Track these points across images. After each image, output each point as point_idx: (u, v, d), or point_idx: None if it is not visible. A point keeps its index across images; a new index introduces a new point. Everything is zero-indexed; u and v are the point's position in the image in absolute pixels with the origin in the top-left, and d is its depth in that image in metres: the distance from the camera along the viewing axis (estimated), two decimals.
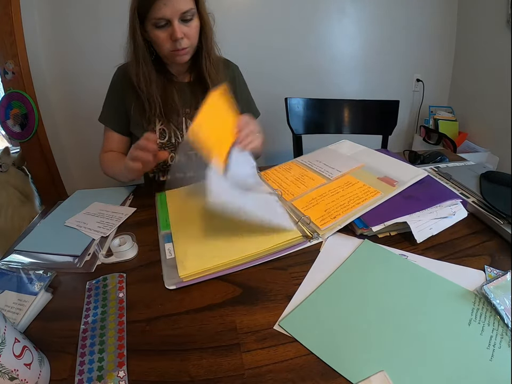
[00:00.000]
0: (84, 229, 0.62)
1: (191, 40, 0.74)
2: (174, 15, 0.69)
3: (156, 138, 0.64)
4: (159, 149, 0.65)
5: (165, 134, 0.84)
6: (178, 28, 0.69)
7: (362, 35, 1.79)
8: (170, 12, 0.68)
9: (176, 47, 0.72)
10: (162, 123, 0.84)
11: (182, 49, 0.73)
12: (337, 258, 0.49)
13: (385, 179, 0.62)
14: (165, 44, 0.73)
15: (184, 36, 0.72)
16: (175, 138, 0.85)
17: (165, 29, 0.71)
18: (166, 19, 0.69)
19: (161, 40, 0.72)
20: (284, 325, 0.39)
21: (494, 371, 0.32)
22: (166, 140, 0.84)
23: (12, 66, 1.48)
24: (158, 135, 0.84)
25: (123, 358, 0.37)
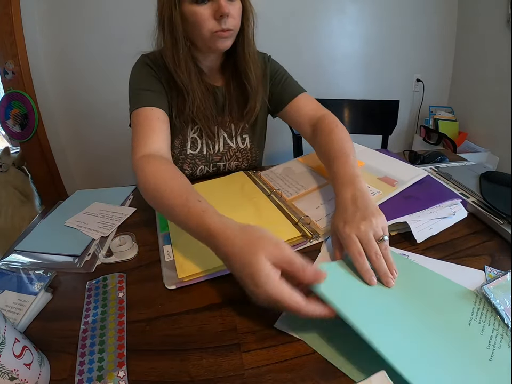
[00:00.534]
0: (83, 229, 0.62)
1: (235, 21, 0.63)
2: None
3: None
4: None
5: (197, 144, 0.78)
6: (224, 2, 0.58)
7: (362, 35, 1.79)
8: None
9: (221, 26, 0.60)
10: (195, 131, 0.76)
11: (227, 30, 0.61)
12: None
13: (385, 179, 0.62)
14: (206, 22, 0.60)
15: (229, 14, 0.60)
16: (206, 149, 0.79)
17: (205, 4, 0.59)
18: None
19: (203, 17, 0.60)
20: (286, 322, 0.39)
21: (494, 371, 0.32)
22: (197, 151, 0.78)
23: (12, 66, 1.48)
24: (190, 144, 0.77)
25: (123, 358, 0.37)
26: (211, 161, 0.81)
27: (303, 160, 0.79)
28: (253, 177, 0.76)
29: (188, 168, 0.80)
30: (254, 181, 0.73)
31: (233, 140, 0.81)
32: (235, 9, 0.62)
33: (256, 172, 0.78)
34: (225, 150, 0.81)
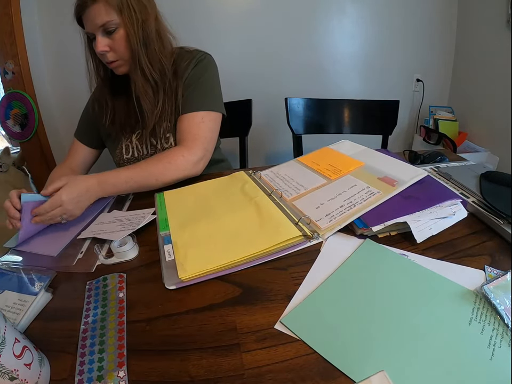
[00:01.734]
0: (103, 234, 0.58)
1: (118, 53, 0.72)
2: (95, 29, 0.69)
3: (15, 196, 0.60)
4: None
5: (129, 149, 0.86)
6: (99, 42, 0.69)
7: (362, 35, 1.79)
8: (90, 26, 0.69)
9: (105, 60, 0.73)
10: (127, 139, 0.85)
11: (111, 62, 0.73)
12: (338, 258, 0.49)
13: (385, 179, 0.62)
14: (99, 56, 0.74)
15: (109, 49, 0.71)
16: (137, 152, 0.85)
17: (94, 42, 0.71)
18: (91, 33, 0.70)
19: (97, 53, 0.72)
20: (286, 322, 0.39)
21: (494, 370, 0.32)
22: (130, 155, 0.86)
23: (12, 66, 1.48)
24: (124, 150, 0.86)
25: (123, 358, 0.37)
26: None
27: (303, 160, 0.79)
28: (253, 177, 0.76)
29: None
30: (254, 181, 0.73)
31: (158, 140, 0.83)
32: (115, 41, 0.70)
33: (256, 171, 0.78)
34: (153, 151, 0.84)
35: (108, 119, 0.82)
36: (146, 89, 0.76)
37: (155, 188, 0.73)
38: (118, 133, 0.85)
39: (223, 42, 1.62)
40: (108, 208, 0.72)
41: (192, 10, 1.53)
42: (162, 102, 0.78)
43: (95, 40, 0.70)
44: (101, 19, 0.67)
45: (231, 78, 0.89)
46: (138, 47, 0.71)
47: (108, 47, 0.71)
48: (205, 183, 0.76)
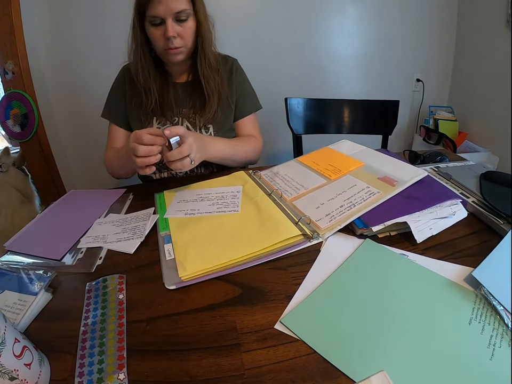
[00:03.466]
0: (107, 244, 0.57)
1: (184, 40, 0.76)
2: (168, 14, 0.71)
3: (155, 131, 0.62)
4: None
5: None
6: (171, 27, 0.71)
7: (362, 35, 1.79)
8: (164, 11, 0.70)
9: (168, 45, 0.74)
10: (159, 121, 0.86)
11: (175, 48, 0.75)
12: (338, 258, 0.49)
13: (385, 179, 0.62)
14: (158, 41, 0.75)
15: (177, 35, 0.73)
16: None
17: (159, 27, 0.73)
18: (160, 17, 0.71)
19: (155, 37, 0.74)
20: (286, 322, 0.39)
21: (494, 370, 0.32)
22: None
23: (12, 66, 1.48)
24: None
25: (123, 360, 0.36)
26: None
27: (303, 160, 0.79)
28: (253, 177, 0.76)
29: None
30: (254, 181, 0.73)
31: (197, 129, 0.86)
32: (185, 29, 0.74)
33: (256, 171, 0.78)
34: None
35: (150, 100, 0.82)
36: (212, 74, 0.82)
37: (236, 165, 0.87)
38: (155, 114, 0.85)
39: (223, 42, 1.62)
40: (105, 212, 0.70)
41: None
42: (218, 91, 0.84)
43: (159, 25, 0.72)
44: (178, 6, 0.70)
45: None
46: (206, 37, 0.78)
47: (177, 34, 0.73)
48: (205, 182, 0.76)
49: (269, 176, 0.75)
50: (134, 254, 0.55)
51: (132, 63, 0.82)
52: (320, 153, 0.81)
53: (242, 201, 0.65)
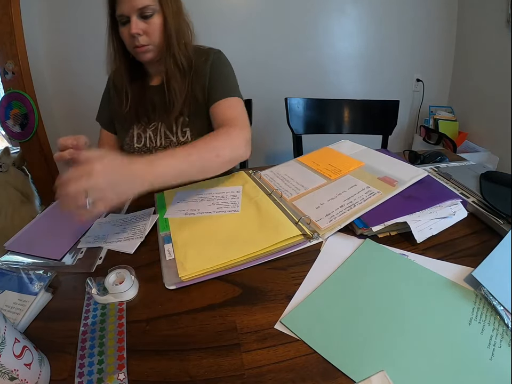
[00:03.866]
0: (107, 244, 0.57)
1: (150, 38, 0.73)
2: (132, 11, 0.70)
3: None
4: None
5: (141, 138, 0.85)
6: (134, 24, 0.70)
7: (362, 35, 1.79)
8: (128, 8, 0.69)
9: (135, 43, 0.73)
10: (139, 127, 0.85)
11: (141, 46, 0.73)
12: (338, 258, 0.49)
13: (385, 179, 0.62)
14: (127, 40, 0.74)
15: (142, 32, 0.71)
16: (149, 142, 0.84)
17: (126, 25, 0.72)
18: (125, 15, 0.71)
19: (124, 36, 0.74)
20: (286, 322, 0.39)
21: (494, 370, 0.32)
22: (142, 144, 0.85)
23: (12, 66, 1.48)
24: (136, 139, 0.85)
25: (123, 360, 0.36)
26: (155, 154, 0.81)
27: (303, 160, 0.79)
28: (253, 177, 0.76)
29: None
30: (254, 181, 0.73)
31: (174, 133, 0.83)
32: (150, 25, 0.72)
33: (256, 171, 0.78)
34: (167, 144, 0.84)
35: (124, 106, 0.82)
36: (176, 74, 0.78)
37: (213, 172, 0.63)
38: (133, 120, 0.84)
39: (223, 42, 1.62)
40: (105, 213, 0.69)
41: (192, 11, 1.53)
42: (186, 91, 0.80)
43: (125, 24, 0.72)
44: (141, 2, 0.69)
45: None
46: (173, 33, 0.74)
47: (142, 31, 0.71)
48: (205, 182, 0.76)
49: (269, 176, 0.75)
50: (134, 254, 0.55)
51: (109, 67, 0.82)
52: (320, 153, 0.81)
53: (242, 201, 0.65)
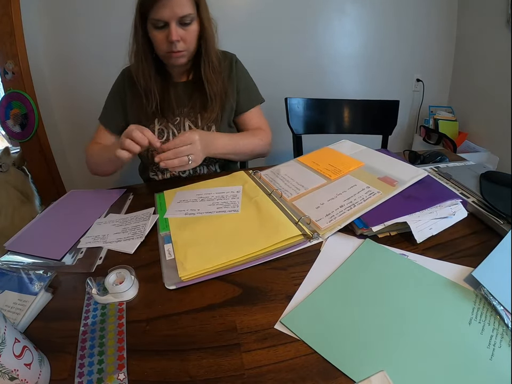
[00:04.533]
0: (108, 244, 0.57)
1: (187, 44, 0.76)
2: (172, 18, 0.70)
3: (151, 134, 0.65)
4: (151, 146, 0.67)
5: (163, 133, 0.86)
6: (174, 30, 0.71)
7: (362, 35, 1.79)
8: (169, 14, 0.70)
9: (171, 48, 0.74)
10: (161, 123, 0.86)
11: (177, 51, 0.75)
12: (338, 258, 0.49)
13: (385, 179, 0.62)
14: (161, 44, 0.75)
15: (180, 39, 0.73)
16: (172, 137, 0.86)
17: (162, 30, 0.72)
18: (164, 21, 0.71)
19: (158, 40, 0.74)
20: (286, 322, 0.39)
21: (494, 370, 0.32)
22: (164, 139, 0.86)
23: (12, 66, 1.48)
24: (157, 134, 0.86)
25: (123, 360, 0.36)
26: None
27: (303, 160, 0.79)
28: (253, 177, 0.76)
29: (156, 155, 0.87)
30: (254, 181, 0.73)
31: (199, 128, 0.86)
32: (188, 33, 0.74)
33: (256, 171, 0.78)
34: None
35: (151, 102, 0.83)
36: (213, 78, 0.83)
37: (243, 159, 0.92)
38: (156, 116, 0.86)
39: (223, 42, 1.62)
40: (105, 212, 0.70)
41: None
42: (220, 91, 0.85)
43: (162, 28, 0.72)
44: (182, 10, 0.70)
45: None
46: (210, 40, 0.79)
47: (180, 37, 0.73)
48: (205, 182, 0.76)
49: (269, 176, 0.75)
50: (134, 254, 0.55)
51: (133, 65, 0.82)
52: (320, 153, 0.81)
53: (242, 201, 0.65)
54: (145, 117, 0.85)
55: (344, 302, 0.42)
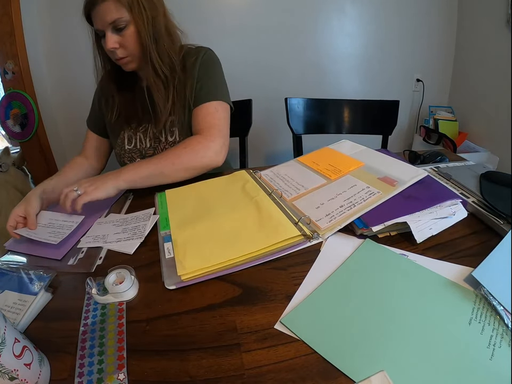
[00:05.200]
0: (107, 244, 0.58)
1: (127, 49, 0.73)
2: (104, 26, 0.70)
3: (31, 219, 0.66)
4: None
5: (132, 140, 0.87)
6: (109, 39, 0.70)
7: (362, 35, 1.79)
8: (101, 23, 0.70)
9: (114, 56, 0.74)
10: (130, 129, 0.86)
11: (120, 58, 0.74)
12: (338, 258, 0.49)
13: (385, 179, 0.62)
14: (108, 53, 0.75)
15: (119, 45, 0.72)
16: (139, 144, 0.86)
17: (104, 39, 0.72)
18: (101, 30, 0.71)
19: (106, 50, 0.74)
20: (286, 322, 0.39)
21: (494, 370, 0.32)
22: (132, 145, 0.87)
23: (12, 66, 1.48)
24: (126, 141, 0.87)
25: (123, 360, 0.36)
26: (145, 155, 0.86)
27: (303, 160, 0.79)
28: (254, 176, 0.76)
29: (127, 161, 0.88)
30: (255, 180, 0.73)
31: (162, 134, 0.84)
32: (125, 38, 0.71)
33: (256, 171, 0.78)
34: (156, 144, 0.85)
35: (114, 114, 0.84)
36: (158, 84, 0.77)
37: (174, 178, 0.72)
38: (123, 125, 0.86)
39: (223, 42, 1.62)
40: (105, 212, 0.70)
41: (192, 11, 1.53)
42: (172, 97, 0.80)
43: (104, 37, 0.72)
44: (110, 16, 0.68)
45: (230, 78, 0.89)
46: (149, 43, 0.73)
47: (118, 44, 0.72)
48: (206, 182, 0.76)
49: (269, 176, 0.75)
50: (134, 254, 0.55)
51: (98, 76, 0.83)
52: (320, 153, 0.81)
53: (242, 201, 0.65)
54: (115, 125, 0.86)
55: (344, 302, 0.42)
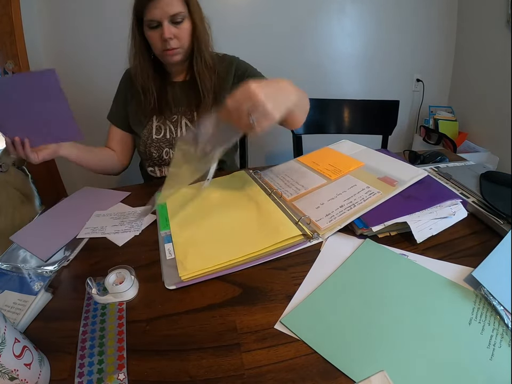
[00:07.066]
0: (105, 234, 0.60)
1: (181, 42, 0.78)
2: (164, 17, 0.73)
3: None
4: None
5: (161, 130, 0.88)
6: (167, 29, 0.74)
7: (362, 35, 1.79)
8: (160, 14, 0.73)
9: (166, 46, 0.77)
10: (159, 120, 0.88)
11: (172, 49, 0.77)
12: (338, 258, 0.49)
13: (385, 179, 0.62)
14: (156, 43, 0.78)
15: (173, 36, 0.76)
16: (169, 134, 0.88)
17: (156, 29, 0.75)
18: (157, 20, 0.74)
19: (153, 40, 0.77)
20: (286, 322, 0.39)
21: (494, 370, 0.32)
22: (161, 135, 0.88)
23: (12, 66, 1.48)
24: (155, 130, 0.88)
25: (123, 360, 0.36)
26: (174, 144, 0.88)
27: (303, 160, 0.79)
28: (254, 176, 0.76)
29: (155, 151, 0.89)
30: (254, 180, 0.73)
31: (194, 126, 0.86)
32: (181, 31, 0.76)
33: (256, 171, 0.78)
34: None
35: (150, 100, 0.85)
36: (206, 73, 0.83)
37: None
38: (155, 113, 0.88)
39: (223, 42, 1.62)
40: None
41: None
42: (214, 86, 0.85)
43: (156, 28, 0.75)
44: (172, 9, 0.73)
45: None
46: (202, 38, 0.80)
47: (173, 35, 0.75)
48: None
49: (269, 176, 0.75)
50: (134, 254, 0.55)
51: (132, 66, 0.85)
52: (320, 153, 0.81)
53: (242, 201, 0.65)
54: (143, 115, 0.88)
55: (344, 302, 0.42)
